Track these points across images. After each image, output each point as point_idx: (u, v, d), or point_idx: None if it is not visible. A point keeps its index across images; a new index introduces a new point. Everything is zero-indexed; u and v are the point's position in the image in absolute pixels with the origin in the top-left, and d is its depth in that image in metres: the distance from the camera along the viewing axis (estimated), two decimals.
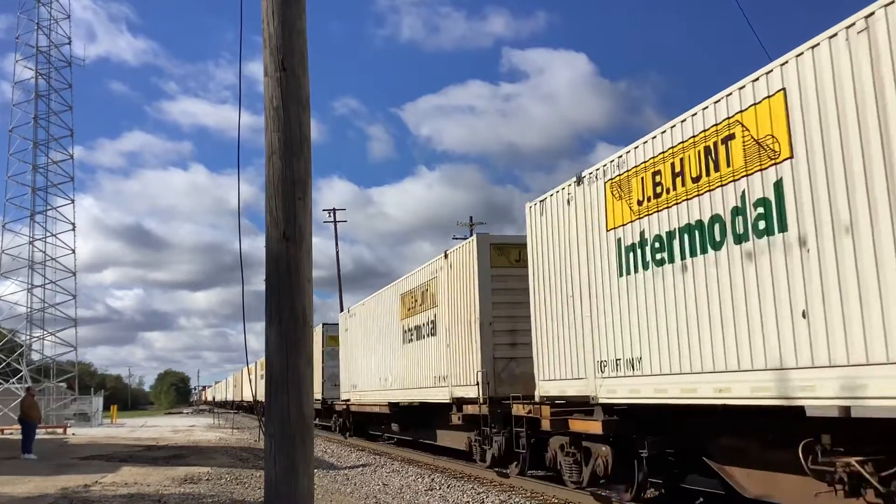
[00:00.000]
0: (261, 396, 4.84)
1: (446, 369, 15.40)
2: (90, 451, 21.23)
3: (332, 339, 28.51)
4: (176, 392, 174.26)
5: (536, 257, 11.64)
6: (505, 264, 13.89)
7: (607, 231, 9.59)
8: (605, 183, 9.67)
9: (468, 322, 14.25)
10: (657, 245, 8.67)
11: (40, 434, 21.81)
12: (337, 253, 48.99)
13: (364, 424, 25.64)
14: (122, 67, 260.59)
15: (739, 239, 7.33)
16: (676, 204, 8.32)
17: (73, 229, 42.70)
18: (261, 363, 32.63)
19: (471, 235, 26.96)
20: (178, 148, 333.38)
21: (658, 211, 8.64)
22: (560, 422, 10.54)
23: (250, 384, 31.45)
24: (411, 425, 19.98)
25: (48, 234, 41.95)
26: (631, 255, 9.08)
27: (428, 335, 16.91)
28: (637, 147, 9.12)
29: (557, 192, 10.95)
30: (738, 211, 7.36)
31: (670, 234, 8.44)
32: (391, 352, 19.93)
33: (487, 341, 13.62)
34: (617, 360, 9.26)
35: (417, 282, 17.86)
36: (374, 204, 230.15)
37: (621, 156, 9.39)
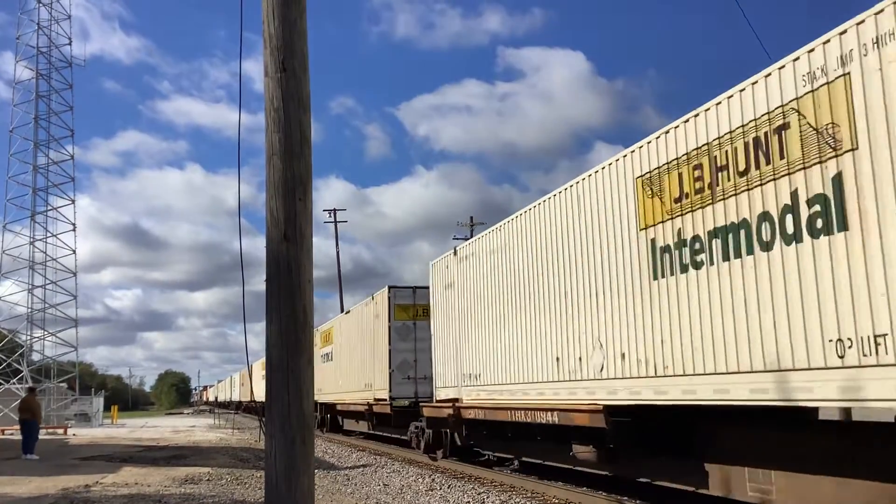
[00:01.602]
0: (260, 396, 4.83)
1: None
2: (91, 452, 21.23)
3: (403, 311, 20.23)
4: (176, 392, 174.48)
5: None
6: None
7: None
8: None
9: None
10: None
11: (41, 434, 21.80)
12: (337, 253, 49.19)
13: (477, 440, 15.50)
14: (115, 66, 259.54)
15: None
16: None
17: (74, 230, 42.76)
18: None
19: (472, 236, 26.18)
20: (173, 147, 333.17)
21: None
22: None
23: (250, 384, 30.81)
24: (649, 452, 9.73)
25: (49, 234, 41.98)
26: None
27: (799, 237, 6.77)
28: None
29: None
30: None
31: None
32: (611, 301, 9.74)
33: None
34: None
35: (738, 120, 7.58)
36: (371, 204, 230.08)
37: None
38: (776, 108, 7.08)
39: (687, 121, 8.36)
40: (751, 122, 7.41)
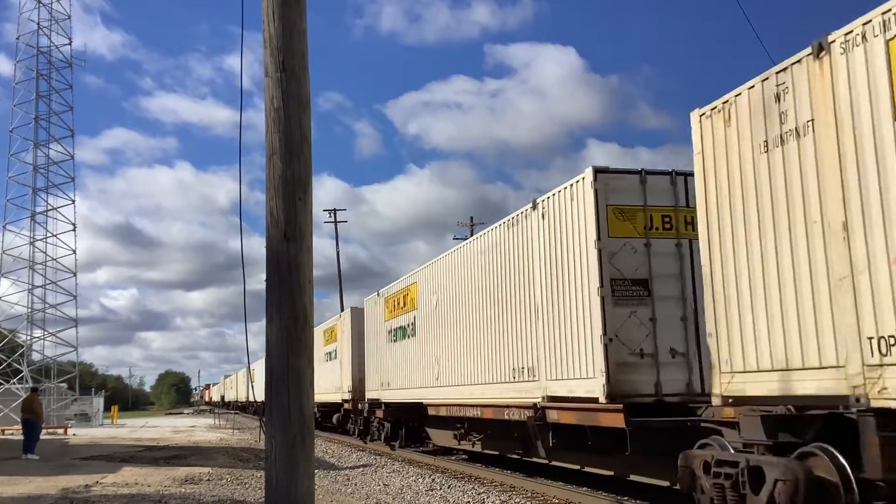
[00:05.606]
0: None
1: None
2: (91, 452, 21.23)
3: (624, 219, 10.01)
4: (176, 392, 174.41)
5: None
6: None
7: None
8: None
9: None
10: None
11: (42, 435, 21.79)
12: (337, 253, 49.18)
13: None
14: (98, 62, 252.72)
15: None
16: None
17: (74, 230, 42.74)
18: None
19: (471, 236, 26.05)
20: (161, 145, 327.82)
21: None
22: None
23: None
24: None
25: (48, 234, 41.96)
26: None
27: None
28: None
29: None
30: None
31: None
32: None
33: None
34: None
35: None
36: (365, 202, 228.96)
37: None
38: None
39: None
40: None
